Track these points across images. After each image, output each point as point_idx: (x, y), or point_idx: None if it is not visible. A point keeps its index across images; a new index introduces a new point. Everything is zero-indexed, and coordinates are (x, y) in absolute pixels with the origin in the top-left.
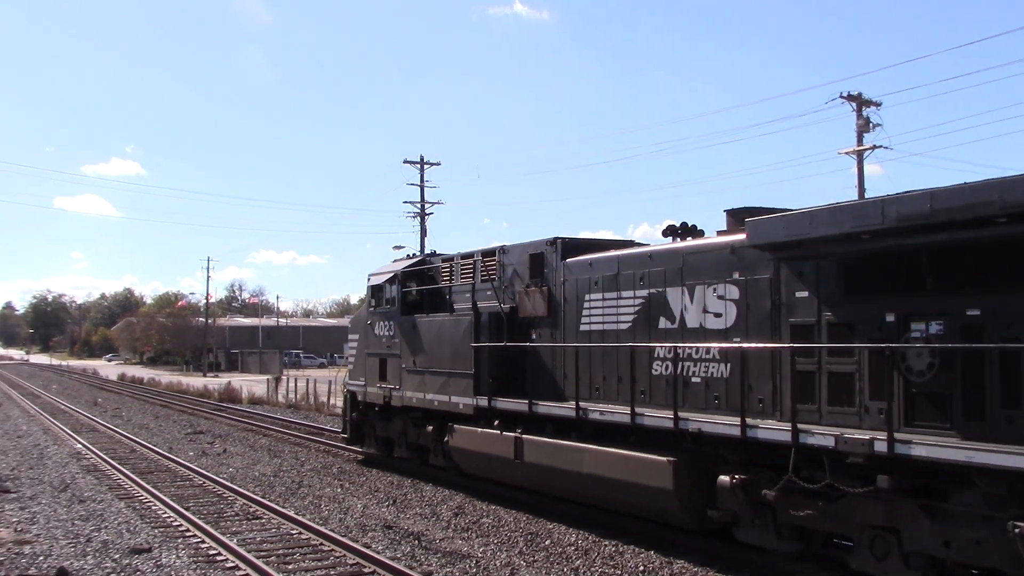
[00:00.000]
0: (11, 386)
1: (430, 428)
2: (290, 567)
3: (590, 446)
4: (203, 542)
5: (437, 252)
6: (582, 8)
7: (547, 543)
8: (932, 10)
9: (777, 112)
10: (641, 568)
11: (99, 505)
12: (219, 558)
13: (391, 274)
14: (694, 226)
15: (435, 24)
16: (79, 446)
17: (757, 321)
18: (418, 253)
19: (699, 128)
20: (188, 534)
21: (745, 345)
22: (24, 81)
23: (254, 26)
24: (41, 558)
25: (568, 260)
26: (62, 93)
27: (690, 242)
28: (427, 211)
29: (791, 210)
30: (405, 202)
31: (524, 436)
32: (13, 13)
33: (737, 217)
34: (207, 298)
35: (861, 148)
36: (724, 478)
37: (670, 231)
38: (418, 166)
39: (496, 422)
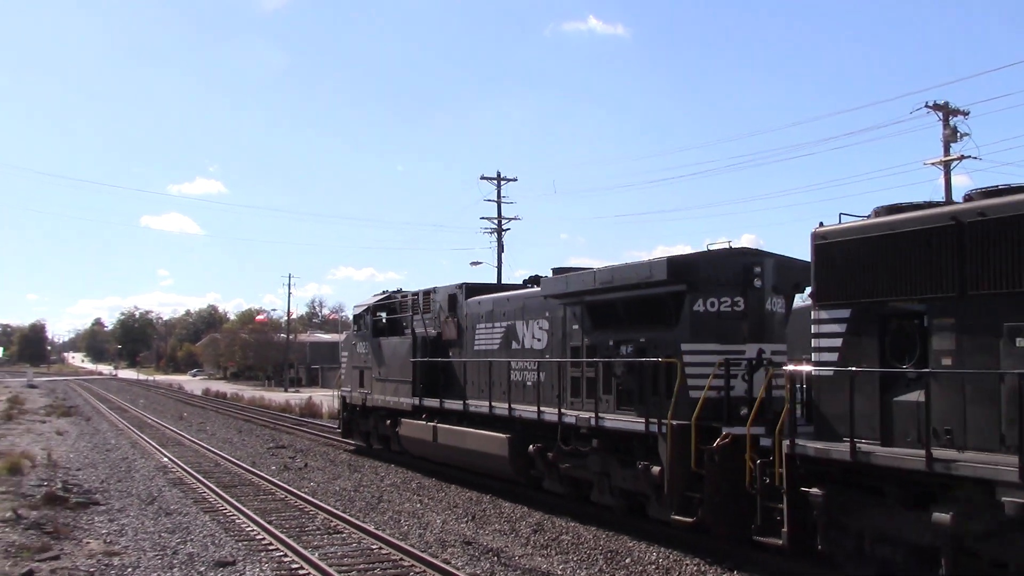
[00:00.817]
0: (100, 400)
1: (388, 422)
2: None
3: (469, 429)
4: (285, 556)
5: (402, 289)
6: (656, 21)
7: (627, 561)
8: (1022, 15)
9: (860, 123)
10: None
11: (185, 518)
12: (301, 572)
13: (367, 306)
14: (545, 277)
15: (510, 40)
16: (165, 460)
17: (556, 344)
18: (484, 268)
19: (778, 141)
20: (271, 548)
21: (547, 360)
22: (112, 104)
23: (330, 47)
24: (129, 570)
25: (468, 300)
26: (147, 115)
27: (527, 290)
28: (504, 227)
29: (579, 269)
30: (482, 218)
31: (438, 424)
32: (100, 38)
33: (555, 273)
34: (288, 314)
35: (948, 159)
36: (531, 447)
37: (530, 280)
38: (495, 182)
39: (424, 415)
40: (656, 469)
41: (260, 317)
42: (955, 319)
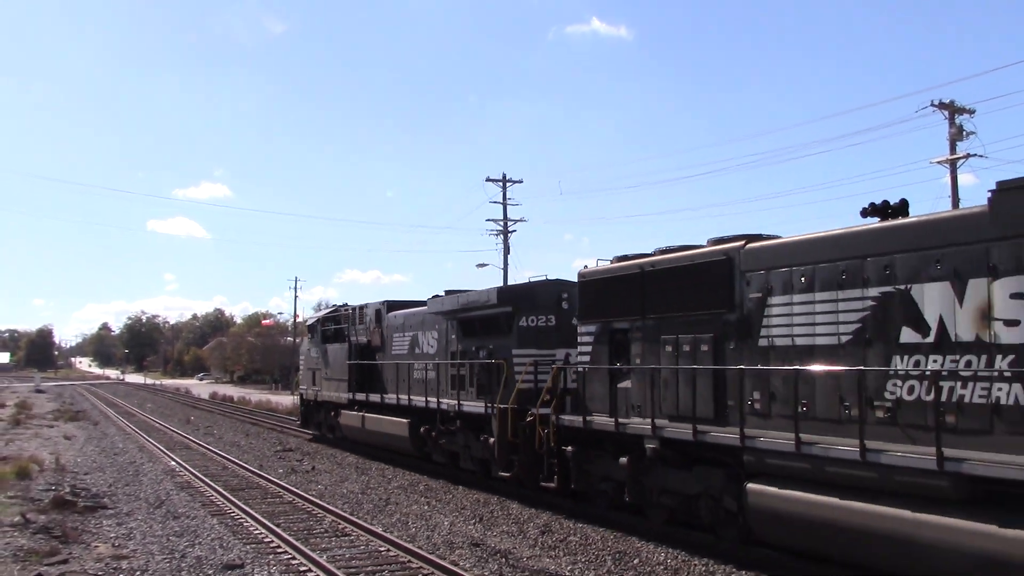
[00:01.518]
0: (108, 405)
1: (333, 413)
2: None
3: (385, 416)
4: (293, 559)
5: (347, 304)
6: (659, 22)
7: (635, 562)
8: None
9: (865, 123)
10: None
11: (193, 521)
12: (309, 574)
13: (317, 318)
14: (432, 298)
15: (514, 43)
16: (173, 463)
17: (442, 350)
18: (490, 270)
19: (784, 140)
20: (279, 550)
21: (436, 361)
22: (116, 109)
23: (333, 51)
24: (138, 573)
25: (388, 313)
26: (153, 120)
27: (421, 308)
28: (510, 228)
29: (464, 290)
30: (488, 220)
31: (365, 414)
32: (106, 44)
33: (447, 293)
34: (295, 317)
35: (954, 157)
36: (422, 428)
37: (428, 299)
38: (500, 184)
39: (356, 407)
40: (491, 440)
41: (267, 321)
42: (641, 334)
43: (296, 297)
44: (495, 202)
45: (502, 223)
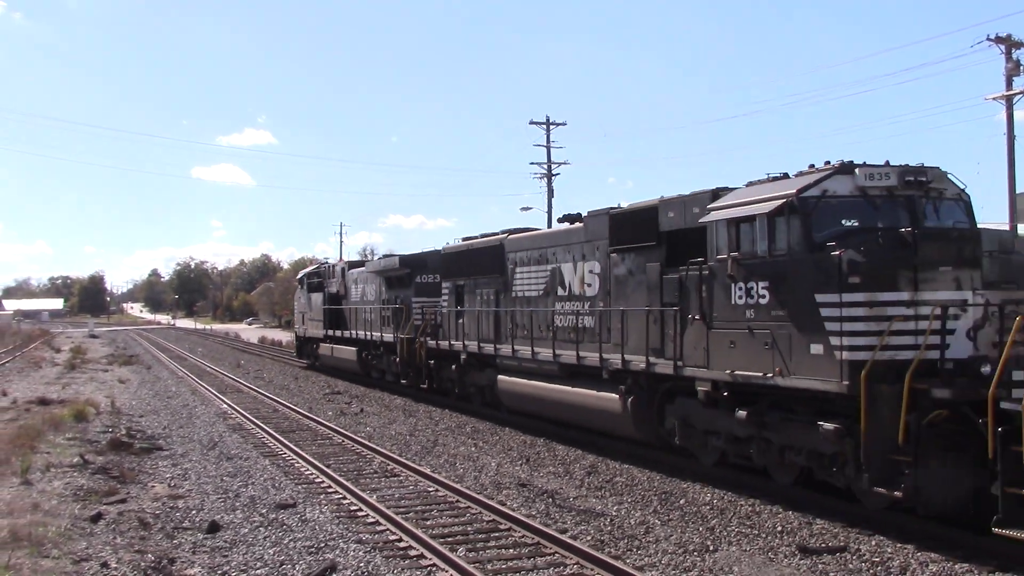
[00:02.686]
0: (160, 349)
1: (315, 346)
2: (428, 523)
3: (344, 346)
4: (344, 498)
5: (328, 259)
6: None
7: (681, 502)
8: None
9: (918, 58)
10: (779, 528)
11: (245, 462)
12: (360, 513)
13: (305, 273)
14: (370, 260)
15: None
16: (225, 406)
17: (378, 298)
18: (535, 214)
19: (835, 78)
20: (330, 490)
21: (373, 306)
22: (159, 56)
23: None
24: (194, 512)
25: (349, 271)
26: (195, 67)
27: (368, 268)
28: (554, 172)
29: (388, 255)
30: (532, 163)
31: (334, 345)
32: None
33: (383, 257)
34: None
35: (1011, 93)
36: (364, 354)
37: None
38: (544, 127)
39: (329, 341)
40: (397, 359)
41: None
42: (468, 288)
43: (341, 243)
44: (539, 145)
45: (546, 166)
